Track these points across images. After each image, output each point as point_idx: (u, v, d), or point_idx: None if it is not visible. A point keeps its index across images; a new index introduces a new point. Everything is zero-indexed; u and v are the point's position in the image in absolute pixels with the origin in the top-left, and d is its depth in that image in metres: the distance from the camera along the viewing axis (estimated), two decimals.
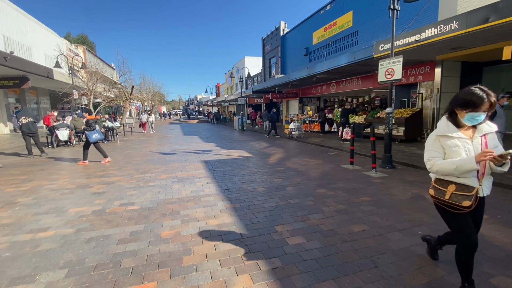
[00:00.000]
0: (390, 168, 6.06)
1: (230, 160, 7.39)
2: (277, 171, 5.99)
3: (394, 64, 5.83)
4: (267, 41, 25.93)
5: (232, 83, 41.59)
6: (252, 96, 25.92)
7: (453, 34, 6.38)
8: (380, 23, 12.31)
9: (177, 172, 6.02)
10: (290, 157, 7.73)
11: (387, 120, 6.09)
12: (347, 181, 5.06)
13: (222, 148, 9.91)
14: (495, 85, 10.61)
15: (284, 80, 16.07)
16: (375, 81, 12.86)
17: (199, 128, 22.36)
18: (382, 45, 8.43)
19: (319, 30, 17.10)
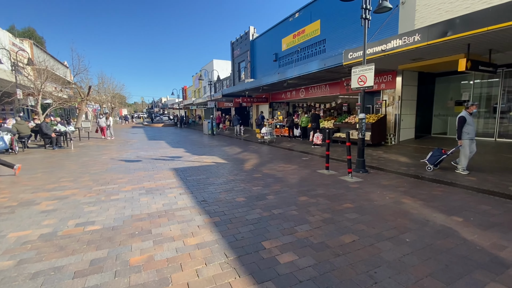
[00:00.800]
0: (364, 172, 6.20)
1: (203, 167, 6.96)
2: (255, 178, 5.74)
3: (366, 71, 6.01)
4: (236, 45, 25.80)
5: (200, 86, 40.61)
6: (221, 99, 25.46)
7: (416, 45, 6.83)
8: (346, 33, 12.91)
9: (144, 182, 5.43)
10: (266, 163, 7.55)
11: (360, 126, 6.24)
12: (326, 187, 5.01)
13: (192, 154, 9.38)
14: (445, 93, 11.75)
15: (255, 85, 16.00)
16: (342, 87, 13.43)
17: (165, 132, 21.21)
18: (351, 53, 8.76)
19: (288, 37, 17.44)
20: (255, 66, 22.42)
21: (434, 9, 9.03)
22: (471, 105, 5.61)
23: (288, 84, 13.99)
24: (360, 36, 12.04)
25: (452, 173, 5.80)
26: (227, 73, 32.09)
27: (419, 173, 5.93)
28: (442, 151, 5.82)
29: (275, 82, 13.82)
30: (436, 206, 3.97)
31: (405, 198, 4.33)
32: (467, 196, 4.43)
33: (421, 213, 3.70)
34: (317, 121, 10.61)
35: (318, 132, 10.57)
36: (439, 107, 11.88)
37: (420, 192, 4.65)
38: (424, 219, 3.49)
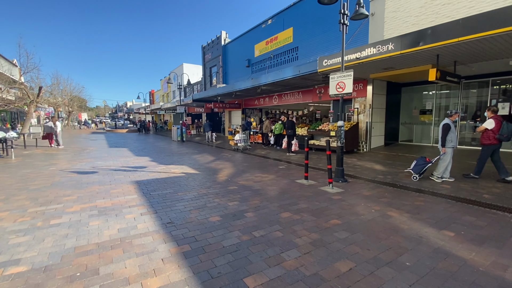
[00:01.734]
0: (343, 181, 5.97)
1: (171, 179, 6.19)
2: (230, 191, 5.16)
3: (345, 78, 5.85)
4: (207, 50, 25.13)
5: (169, 90, 38.96)
6: (192, 105, 24.45)
7: (389, 54, 6.90)
8: (318, 41, 13.05)
9: (97, 200, 4.55)
10: (241, 172, 7.01)
11: (339, 134, 6.03)
12: (308, 200, 4.62)
13: (159, 164, 8.48)
14: (410, 103, 12.35)
15: (227, 90, 15.47)
16: (314, 95, 13.49)
17: (129, 139, 19.60)
18: (326, 61, 8.70)
19: (261, 43, 17.30)
20: (227, 71, 21.94)
21: (402, 22, 9.40)
22: (454, 113, 5.68)
23: (261, 90, 13.70)
24: (332, 45, 12.25)
25: (428, 181, 5.80)
26: (197, 78, 31.18)
27: (397, 182, 5.86)
28: (426, 159, 5.78)
29: (248, 87, 13.44)
30: (424, 219, 3.77)
31: (390, 211, 4.09)
32: (449, 206, 4.34)
33: (412, 228, 3.45)
34: (294, 128, 10.38)
35: (295, 139, 10.33)
36: (405, 116, 12.44)
37: (404, 203, 4.47)
38: (416, 235, 3.23)
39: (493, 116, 5.73)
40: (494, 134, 5.59)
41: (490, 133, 5.65)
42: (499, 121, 5.60)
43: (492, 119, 5.68)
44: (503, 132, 5.48)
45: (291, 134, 10.44)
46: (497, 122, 5.59)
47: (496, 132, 5.56)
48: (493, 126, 5.59)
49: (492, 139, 5.62)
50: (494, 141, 5.62)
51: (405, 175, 6.38)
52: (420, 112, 11.68)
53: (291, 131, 10.40)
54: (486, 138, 5.71)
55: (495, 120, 5.62)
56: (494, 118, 5.68)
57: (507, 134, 5.47)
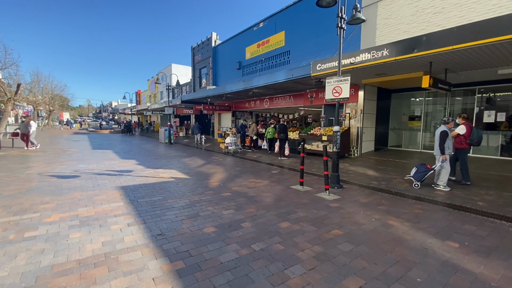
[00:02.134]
0: (339, 188, 5.85)
1: (160, 185, 5.85)
2: (224, 198, 4.91)
3: (342, 83, 5.76)
4: (197, 51, 24.75)
5: (156, 91, 38.11)
6: (180, 106, 23.94)
7: (384, 60, 6.91)
8: (310, 46, 13.06)
9: (79, 208, 4.17)
10: (234, 177, 6.76)
11: (335, 139, 5.93)
12: (306, 208, 4.44)
13: (146, 167, 8.08)
14: (399, 109, 12.56)
15: (218, 92, 15.20)
16: (306, 99, 13.46)
17: (114, 140, 18.86)
18: (320, 65, 8.64)
19: (252, 46, 17.17)
20: (217, 73, 21.65)
21: (393, 29, 9.52)
22: (451, 120, 5.69)
23: (253, 93, 13.54)
24: (324, 50, 12.29)
25: (424, 188, 5.78)
26: (186, 79, 30.63)
27: (392, 188, 5.81)
28: (427, 166, 5.72)
29: (240, 90, 13.23)
30: (425, 228, 3.68)
31: (391, 220, 3.98)
32: (446, 214, 4.29)
33: (415, 238, 3.34)
34: (286, 132, 10.24)
35: (287, 144, 10.19)
36: (394, 121, 12.63)
37: (402, 211, 4.38)
38: (421, 246, 3.11)
39: (464, 123, 6.13)
40: (465, 139, 6.01)
41: (462, 138, 6.05)
42: (469, 127, 6.02)
43: (463, 125, 6.08)
44: (473, 137, 5.94)
45: (283, 138, 10.29)
46: (468, 128, 6.01)
47: (467, 137, 5.99)
48: (465, 132, 6.00)
49: (464, 143, 6.04)
50: (465, 146, 6.05)
51: (399, 181, 6.35)
52: (409, 118, 11.89)
53: (283, 135, 10.26)
54: (459, 142, 6.11)
55: (466, 126, 6.03)
56: (465, 124, 6.08)
57: (476, 139, 5.93)
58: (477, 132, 5.98)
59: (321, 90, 12.41)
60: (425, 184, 6.00)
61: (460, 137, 6.09)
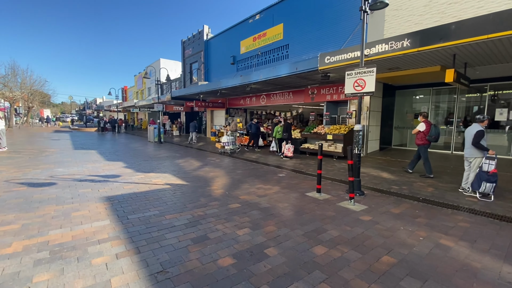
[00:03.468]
0: (361, 195, 5.15)
1: (154, 194, 4.95)
2: (234, 211, 4.09)
3: (365, 75, 5.03)
4: (188, 44, 23.57)
5: (144, 87, 36.49)
6: (169, 103, 22.74)
7: (404, 51, 6.24)
8: (311, 39, 12.33)
9: (51, 231, 3.24)
10: (238, 183, 5.93)
11: (357, 139, 5.21)
12: (335, 223, 3.70)
13: (136, 171, 7.11)
14: (403, 106, 12.07)
15: (212, 87, 14.23)
16: (306, 96, 12.75)
17: (99, 139, 17.52)
18: (328, 57, 7.91)
19: (248, 39, 16.27)
20: (209, 68, 20.62)
21: (404, 21, 8.92)
22: (486, 119, 5.08)
23: (250, 89, 12.68)
24: (327, 43, 11.59)
25: (450, 193, 5.17)
26: (175, 74, 29.36)
27: (416, 194, 5.17)
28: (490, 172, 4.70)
29: (236, 85, 12.34)
30: (487, 250, 3.01)
31: (441, 238, 3.29)
32: (497, 227, 3.66)
33: (486, 266, 2.65)
34: (290, 131, 9.48)
35: (290, 144, 9.43)
36: (398, 120, 12.14)
37: (447, 225, 3.71)
38: (503, 280, 2.42)
39: (424, 120, 6.72)
40: (425, 136, 6.58)
41: (422, 135, 6.63)
42: (429, 124, 6.62)
43: (423, 123, 6.67)
44: (431, 134, 6.51)
45: (286, 138, 9.53)
46: (427, 125, 6.60)
47: (426, 133, 6.56)
48: (424, 129, 6.59)
49: (424, 139, 6.61)
50: (426, 142, 6.61)
51: (420, 185, 5.73)
52: (415, 116, 11.39)
53: (286, 134, 9.49)
54: (419, 139, 6.68)
55: (426, 124, 6.62)
56: (425, 122, 6.67)
57: (435, 136, 6.51)
58: (435, 129, 6.53)
59: (323, 86, 11.73)
60: (449, 188, 5.40)
61: (421, 133, 6.63)
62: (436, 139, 6.59)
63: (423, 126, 6.62)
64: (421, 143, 6.64)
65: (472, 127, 5.27)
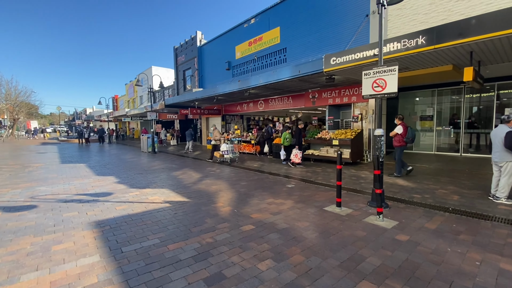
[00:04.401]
0: (385, 207, 4.61)
1: (151, 215, 4.29)
2: (248, 235, 3.47)
3: (386, 74, 4.56)
4: (180, 51, 23.05)
5: (135, 96, 35.67)
6: (163, 111, 22.03)
7: (419, 50, 5.83)
8: (310, 41, 11.96)
9: (23, 275, 2.55)
10: (245, 197, 5.32)
11: (378, 145, 4.69)
12: (371, 247, 3.13)
13: (129, 187, 6.41)
14: (406, 108, 11.74)
15: (208, 94, 13.66)
16: (307, 100, 12.31)
17: (88, 151, 16.63)
18: (334, 58, 7.47)
19: (243, 44, 15.85)
20: (203, 74, 20.09)
21: (408, 20, 8.61)
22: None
23: (249, 94, 12.16)
24: (327, 46, 11.20)
25: (480, 201, 4.68)
26: (168, 82, 28.70)
27: (444, 204, 4.69)
28: None
29: (234, 91, 11.81)
30: None
31: (501, 262, 2.76)
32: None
33: None
34: (300, 137, 8.91)
35: (298, 149, 8.88)
36: None
37: (497, 243, 3.19)
38: None
39: (400, 123, 6.92)
40: (402, 138, 6.82)
41: (399, 137, 6.86)
42: (405, 127, 6.89)
43: (400, 126, 6.87)
44: (408, 136, 6.83)
45: (294, 144, 8.98)
46: (404, 128, 6.84)
47: (404, 135, 6.81)
48: (402, 131, 6.81)
49: (401, 141, 6.84)
50: (403, 143, 6.86)
51: (443, 193, 5.25)
52: (420, 119, 11.05)
53: (295, 139, 8.94)
54: (397, 141, 6.90)
55: (403, 126, 6.86)
56: (401, 125, 6.89)
57: (411, 137, 6.87)
58: (411, 131, 6.88)
59: (324, 90, 11.32)
60: (476, 195, 4.94)
61: (398, 136, 6.86)
62: (412, 141, 6.95)
63: (401, 128, 6.86)
64: (399, 145, 6.90)
65: (499, 128, 4.85)
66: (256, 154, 12.77)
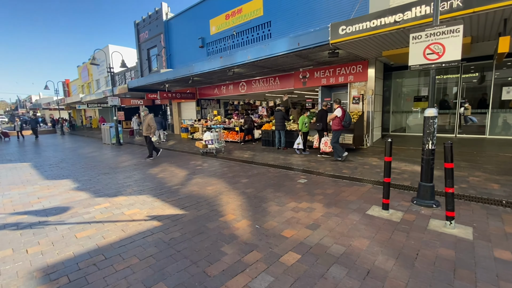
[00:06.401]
0: (437, 205, 3.73)
1: (133, 246, 2.85)
2: (298, 273, 2.25)
3: (444, 37, 3.50)
4: (143, 27, 20.13)
5: (91, 79, 31.46)
6: (125, 96, 19.33)
7: (454, 14, 4.91)
8: (298, 14, 10.64)
9: None
10: (258, 202, 4.07)
11: (430, 129, 3.71)
12: (479, 275, 2.14)
13: (94, 195, 4.75)
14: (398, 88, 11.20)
15: (182, 74, 11.75)
16: (297, 81, 11.14)
17: (36, 146, 13.78)
18: (344, 27, 6.31)
19: (219, 17, 13.94)
20: (172, 53, 17.75)
21: None
22: None
23: (233, 74, 10.59)
24: (318, 19, 9.97)
25: None
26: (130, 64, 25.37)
27: (493, 196, 3.99)
28: None
29: (215, 69, 10.15)
30: None
31: None
32: None
33: None
34: (325, 120, 7.71)
35: (326, 136, 7.71)
36: (394, 104, 11.28)
37: None
38: None
39: (339, 107, 6.90)
40: (341, 121, 6.78)
41: (338, 120, 6.79)
42: (344, 111, 6.86)
43: (339, 109, 6.84)
44: (346, 119, 6.79)
45: (320, 129, 7.77)
46: (342, 111, 6.82)
47: (342, 119, 6.78)
48: (341, 114, 6.78)
49: (339, 125, 6.80)
50: (341, 127, 6.83)
51: (480, 181, 4.57)
52: (414, 99, 10.59)
53: (320, 124, 7.71)
54: (336, 124, 6.83)
55: (341, 110, 6.82)
56: (340, 108, 6.87)
57: (348, 121, 6.82)
58: (348, 115, 6.88)
59: (317, 69, 10.23)
60: None
61: (337, 119, 6.78)
62: (349, 124, 6.89)
63: (340, 111, 6.80)
64: (337, 128, 6.84)
65: None
66: (241, 142, 11.45)
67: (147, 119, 8.47)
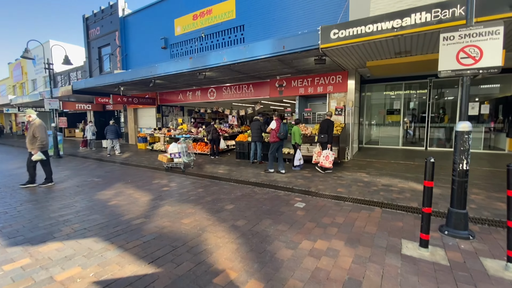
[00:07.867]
0: (473, 237, 3.14)
1: None
2: None
3: (482, 39, 2.99)
4: (93, 22, 17.77)
5: (25, 79, 26.87)
6: (69, 99, 16.52)
7: (456, 23, 4.65)
8: (274, 19, 10.09)
9: None
10: (260, 243, 3.00)
11: (465, 146, 3.13)
12: None
13: (6, 242, 3.12)
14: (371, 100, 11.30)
15: (142, 75, 10.13)
16: (272, 89, 10.43)
17: None
18: (336, 31, 5.76)
19: (186, 17, 12.75)
20: (129, 53, 15.81)
21: (395, 1, 7.68)
22: None
23: (205, 77, 9.41)
24: (295, 25, 9.51)
25: None
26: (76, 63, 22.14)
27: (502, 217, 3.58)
28: None
29: (183, 72, 8.86)
30: None
31: None
32: None
33: None
34: (331, 131, 6.81)
35: (330, 149, 6.78)
36: (367, 116, 11.32)
37: None
38: None
39: (276, 119, 6.91)
40: (276, 133, 6.79)
41: (274, 132, 6.84)
42: (279, 123, 6.84)
43: (275, 121, 6.86)
44: (281, 131, 6.78)
45: (325, 141, 6.81)
46: (278, 123, 6.82)
47: (277, 131, 6.79)
48: (275, 126, 6.81)
49: (275, 137, 6.81)
50: (277, 139, 6.82)
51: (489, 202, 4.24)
52: (387, 112, 10.70)
53: (323, 136, 6.78)
54: (272, 136, 6.89)
55: (277, 122, 6.85)
56: (276, 120, 6.88)
57: (283, 133, 6.81)
58: (283, 127, 6.84)
59: (294, 78, 9.67)
60: None
61: (273, 131, 6.84)
62: (285, 136, 6.86)
63: (274, 123, 6.81)
64: (273, 140, 6.85)
65: None
66: (211, 155, 10.19)
67: (32, 127, 5.75)
